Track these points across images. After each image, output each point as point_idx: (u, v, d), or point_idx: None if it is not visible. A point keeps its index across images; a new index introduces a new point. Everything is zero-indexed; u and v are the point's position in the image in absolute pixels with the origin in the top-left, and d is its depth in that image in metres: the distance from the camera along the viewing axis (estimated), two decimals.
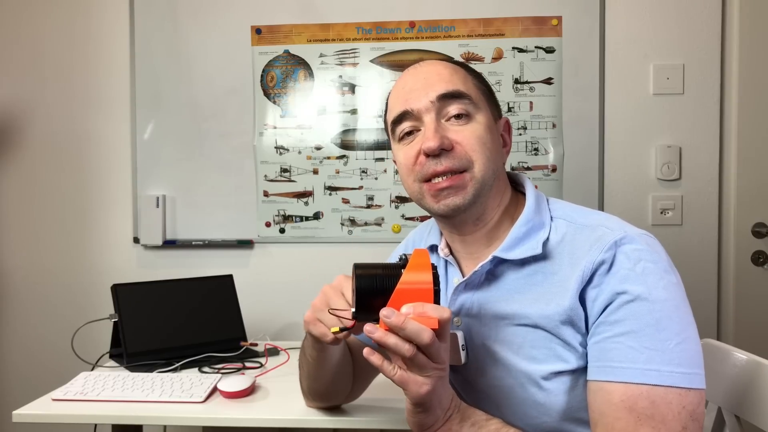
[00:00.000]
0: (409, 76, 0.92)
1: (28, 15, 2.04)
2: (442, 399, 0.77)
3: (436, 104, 0.87)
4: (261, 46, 1.97)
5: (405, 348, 0.71)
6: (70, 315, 2.00)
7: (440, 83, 0.88)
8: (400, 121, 0.90)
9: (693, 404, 0.74)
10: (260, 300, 1.97)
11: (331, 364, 1.00)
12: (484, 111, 0.89)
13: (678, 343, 0.75)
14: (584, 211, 0.89)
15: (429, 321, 0.71)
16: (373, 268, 0.78)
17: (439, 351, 0.73)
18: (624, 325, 0.76)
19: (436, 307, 0.73)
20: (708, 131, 1.89)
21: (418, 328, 0.70)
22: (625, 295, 0.77)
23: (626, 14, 1.90)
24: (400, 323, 0.70)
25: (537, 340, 0.83)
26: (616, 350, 0.76)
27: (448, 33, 1.93)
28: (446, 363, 0.75)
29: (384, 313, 0.71)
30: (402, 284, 0.75)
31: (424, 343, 0.71)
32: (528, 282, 0.86)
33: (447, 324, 0.73)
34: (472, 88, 0.90)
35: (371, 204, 1.97)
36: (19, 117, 2.05)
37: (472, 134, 0.86)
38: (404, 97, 0.89)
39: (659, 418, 0.73)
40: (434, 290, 0.74)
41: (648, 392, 0.73)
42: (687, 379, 0.74)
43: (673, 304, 0.76)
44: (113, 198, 2.04)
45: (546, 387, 0.82)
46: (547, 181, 1.92)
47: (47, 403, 1.28)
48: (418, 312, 0.72)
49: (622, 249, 0.79)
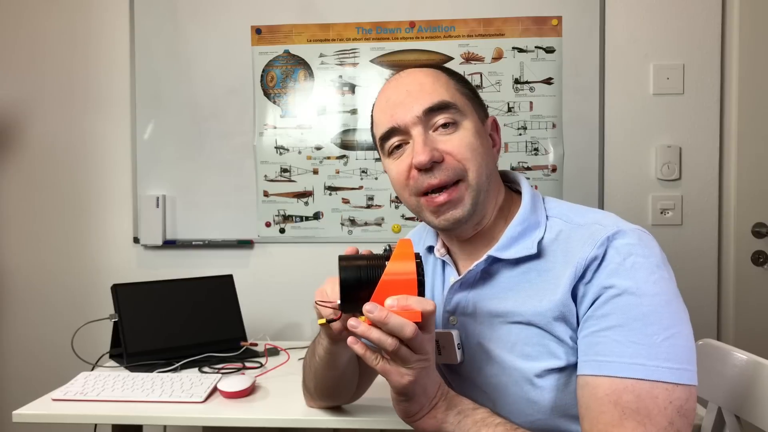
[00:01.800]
0: (391, 90, 0.91)
1: (28, 15, 2.04)
2: (427, 388, 0.78)
3: (422, 118, 0.86)
4: (261, 46, 1.97)
5: (388, 342, 0.72)
6: (70, 315, 2.00)
7: (424, 95, 0.87)
8: (389, 137, 0.90)
9: (681, 399, 0.73)
10: (260, 300, 1.97)
11: (339, 365, 1.00)
12: (470, 116, 0.89)
13: (666, 338, 0.74)
14: (580, 209, 0.89)
15: (412, 314, 0.72)
16: (358, 260, 0.78)
17: (422, 343, 0.73)
18: (611, 319, 0.77)
19: (420, 299, 0.73)
20: (708, 131, 1.89)
21: (400, 323, 0.71)
22: (613, 289, 0.77)
23: (626, 14, 1.90)
24: (383, 318, 0.71)
25: (530, 337, 0.83)
26: (603, 344, 0.76)
27: (448, 33, 1.93)
28: (430, 354, 0.76)
29: (367, 308, 0.72)
30: (386, 275, 0.75)
31: (407, 337, 0.71)
32: (522, 280, 0.86)
33: (431, 316, 0.74)
34: (455, 94, 0.89)
35: (371, 204, 1.97)
36: (19, 117, 2.05)
37: (461, 142, 0.86)
38: (390, 113, 0.89)
39: (644, 412, 0.73)
40: (418, 280, 0.74)
41: (633, 386, 0.73)
42: (675, 375, 0.74)
43: (663, 299, 0.76)
44: (113, 198, 2.04)
45: (539, 384, 0.82)
46: (547, 181, 1.92)
47: (47, 403, 1.28)
48: (402, 305, 0.73)
49: (614, 244, 0.79)
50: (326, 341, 0.94)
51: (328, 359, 0.98)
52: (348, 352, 0.99)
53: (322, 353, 0.97)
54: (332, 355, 0.97)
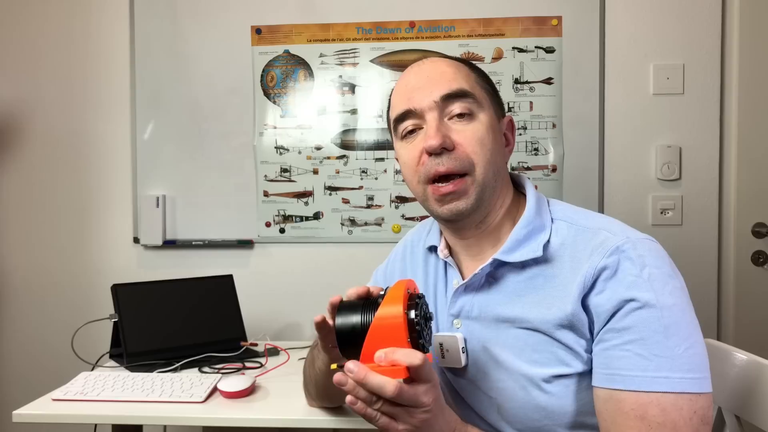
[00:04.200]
0: (412, 75, 0.91)
1: (28, 15, 2.04)
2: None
3: (440, 104, 0.86)
4: (261, 46, 1.97)
5: (373, 400, 0.70)
6: (70, 315, 2.00)
7: (444, 82, 0.87)
8: (403, 119, 0.89)
9: (704, 408, 0.74)
10: (260, 300, 1.97)
11: None
12: (487, 110, 0.89)
13: (687, 348, 0.74)
14: (585, 213, 0.89)
15: (397, 371, 0.69)
16: (352, 309, 0.76)
17: (415, 396, 0.70)
18: (632, 332, 0.76)
19: (408, 352, 0.70)
20: (708, 131, 1.89)
21: (379, 383, 0.68)
22: (634, 302, 0.76)
23: (626, 14, 1.89)
24: (361, 379, 0.69)
25: (538, 343, 0.82)
26: (626, 358, 0.76)
27: (448, 33, 1.93)
28: (431, 404, 0.72)
29: (348, 367, 0.70)
30: (376, 320, 0.72)
31: (388, 396, 0.68)
32: (529, 285, 0.85)
33: (420, 369, 0.70)
34: (475, 86, 0.89)
35: (371, 204, 1.97)
36: (19, 117, 2.05)
37: (473, 135, 0.86)
38: (407, 96, 0.89)
39: (671, 425, 0.73)
40: (408, 320, 0.71)
41: (658, 400, 0.73)
42: (697, 384, 0.74)
43: (679, 309, 0.76)
44: (113, 198, 2.04)
45: (549, 390, 0.81)
46: (547, 181, 1.92)
47: (47, 403, 1.28)
48: (390, 360, 0.70)
49: (627, 254, 0.78)
50: (326, 358, 0.93)
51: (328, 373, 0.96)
52: None
53: (323, 367, 0.96)
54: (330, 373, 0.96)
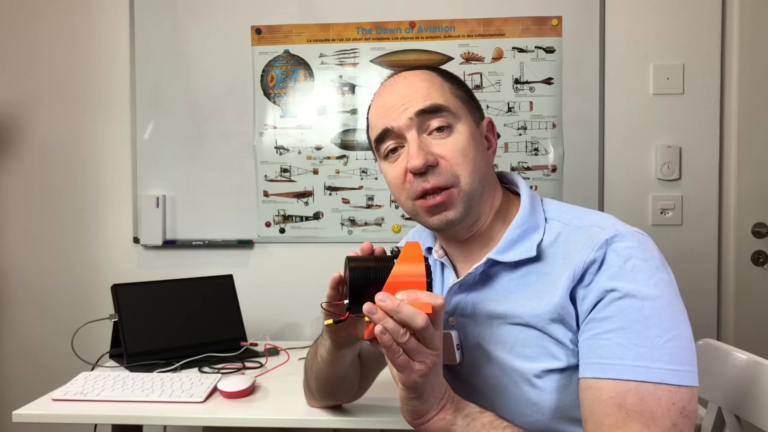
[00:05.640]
0: (386, 94, 0.92)
1: (28, 15, 2.04)
2: (435, 388, 0.78)
3: (416, 120, 0.87)
4: (261, 46, 1.97)
5: (400, 332, 0.72)
6: (70, 315, 2.00)
7: (418, 98, 0.88)
8: (383, 139, 0.91)
9: (683, 401, 0.74)
10: (260, 300, 1.97)
11: (342, 366, 1.01)
12: (464, 119, 0.90)
13: (668, 340, 0.75)
14: (579, 211, 0.90)
15: (423, 306, 0.72)
16: (366, 261, 0.79)
17: (433, 337, 0.73)
18: (613, 321, 0.77)
19: (430, 293, 0.74)
20: (708, 131, 1.89)
21: (412, 312, 0.71)
22: (615, 292, 0.77)
23: (626, 14, 1.90)
24: (395, 307, 0.71)
25: (529, 338, 0.84)
26: (606, 347, 0.77)
27: (448, 33, 1.93)
28: (440, 350, 0.76)
29: (379, 297, 0.73)
30: (393, 276, 0.76)
31: (419, 326, 0.71)
32: (521, 282, 0.86)
33: (440, 310, 0.74)
34: (450, 98, 0.90)
35: (371, 204, 1.97)
36: (19, 117, 2.05)
37: (454, 147, 0.87)
38: (383, 115, 0.90)
39: (648, 414, 0.73)
40: (426, 282, 0.75)
41: (637, 389, 0.74)
42: (677, 376, 0.74)
43: (664, 302, 0.77)
44: (113, 198, 2.04)
45: (538, 385, 0.82)
46: (547, 181, 1.92)
47: (47, 403, 1.28)
48: (412, 298, 0.73)
49: (613, 247, 0.80)
50: (329, 343, 0.95)
51: (330, 360, 0.98)
52: (351, 353, 1.00)
53: (325, 354, 0.98)
54: (335, 357, 0.97)
